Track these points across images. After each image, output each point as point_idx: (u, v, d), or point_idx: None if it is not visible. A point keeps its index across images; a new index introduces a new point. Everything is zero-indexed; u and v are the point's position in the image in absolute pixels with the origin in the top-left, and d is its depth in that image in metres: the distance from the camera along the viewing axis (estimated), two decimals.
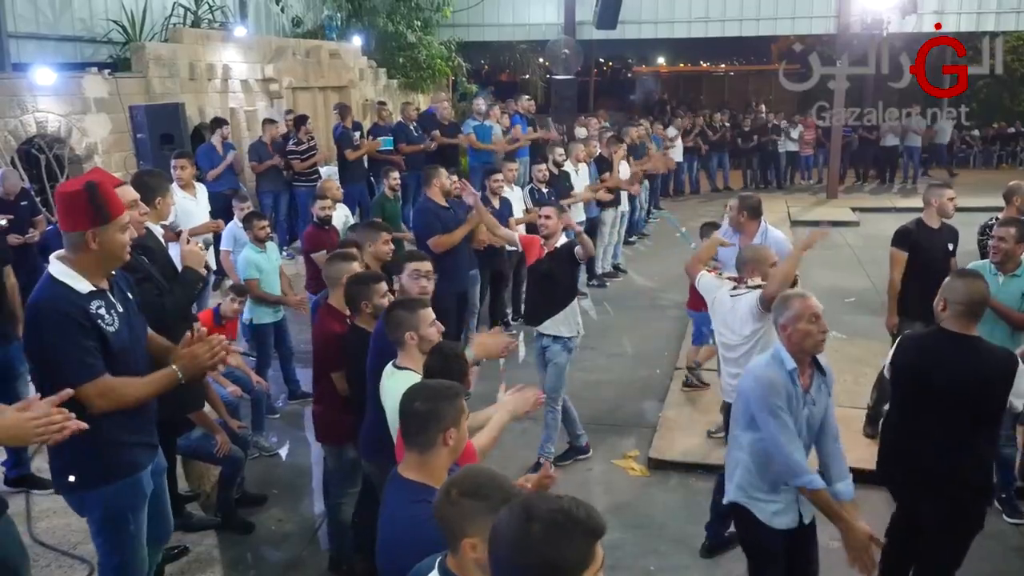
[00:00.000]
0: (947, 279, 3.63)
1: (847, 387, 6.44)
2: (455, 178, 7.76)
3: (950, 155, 20.28)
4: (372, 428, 3.77)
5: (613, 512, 5.31)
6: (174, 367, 3.19)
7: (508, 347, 4.03)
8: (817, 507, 3.38)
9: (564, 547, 1.65)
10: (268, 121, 11.05)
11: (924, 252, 5.64)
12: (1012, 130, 21.68)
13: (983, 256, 5.62)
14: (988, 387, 3.44)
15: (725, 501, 3.65)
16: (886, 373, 3.88)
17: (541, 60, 22.32)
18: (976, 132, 21.49)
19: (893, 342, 4.35)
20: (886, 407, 4.27)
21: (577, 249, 5.48)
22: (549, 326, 5.62)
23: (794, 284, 4.66)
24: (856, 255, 11.28)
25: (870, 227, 13.07)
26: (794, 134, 18.14)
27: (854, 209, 14.83)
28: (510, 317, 8.73)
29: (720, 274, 5.08)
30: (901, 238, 5.79)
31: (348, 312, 4.34)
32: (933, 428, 3.56)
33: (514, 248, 6.95)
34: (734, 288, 4.62)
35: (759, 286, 4.44)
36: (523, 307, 7.87)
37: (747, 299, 4.46)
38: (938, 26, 15.58)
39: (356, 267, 4.57)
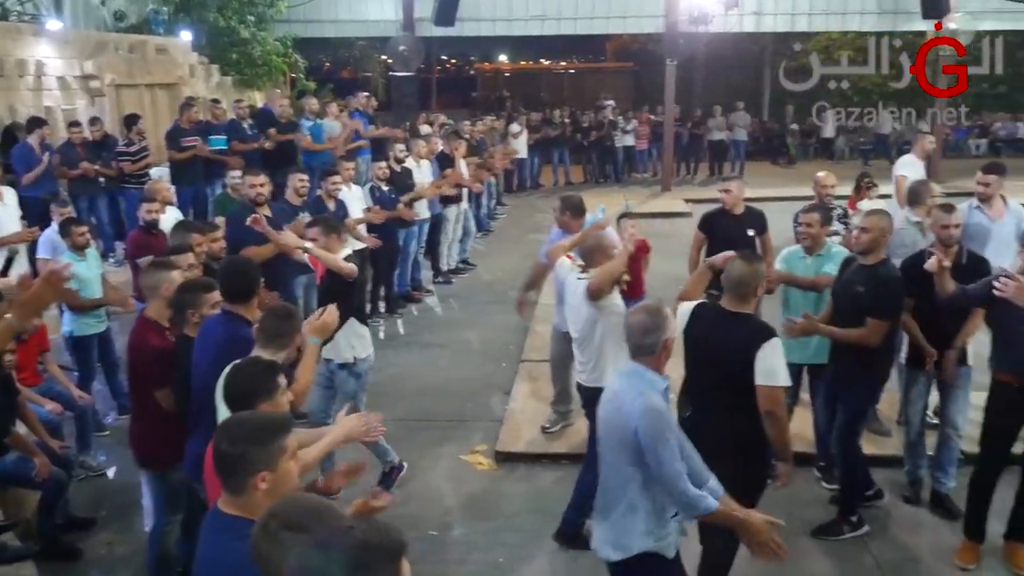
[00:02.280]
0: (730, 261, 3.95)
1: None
2: (304, 178, 7.50)
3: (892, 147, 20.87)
4: (202, 445, 3.62)
5: (461, 507, 5.36)
6: (6, 316, 3.02)
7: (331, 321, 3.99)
8: (719, 523, 3.27)
9: None
10: (73, 124, 10.36)
11: (724, 235, 6.23)
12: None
13: (799, 241, 6.03)
14: (744, 358, 3.67)
15: (622, 558, 3.26)
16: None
17: (382, 57, 22.11)
18: (795, 126, 22.90)
19: None
20: None
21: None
22: (330, 349, 5.18)
23: (620, 279, 4.89)
24: (689, 244, 11.71)
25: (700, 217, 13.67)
26: (629, 129, 18.78)
27: (686, 200, 15.52)
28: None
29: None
30: (701, 222, 6.75)
31: (167, 324, 4.17)
32: (710, 394, 3.82)
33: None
34: (583, 272, 4.84)
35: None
36: None
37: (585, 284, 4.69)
38: (938, 26, 16.10)
39: (176, 276, 4.34)
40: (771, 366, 3.66)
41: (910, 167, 8.14)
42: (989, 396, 4.63)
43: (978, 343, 5.06)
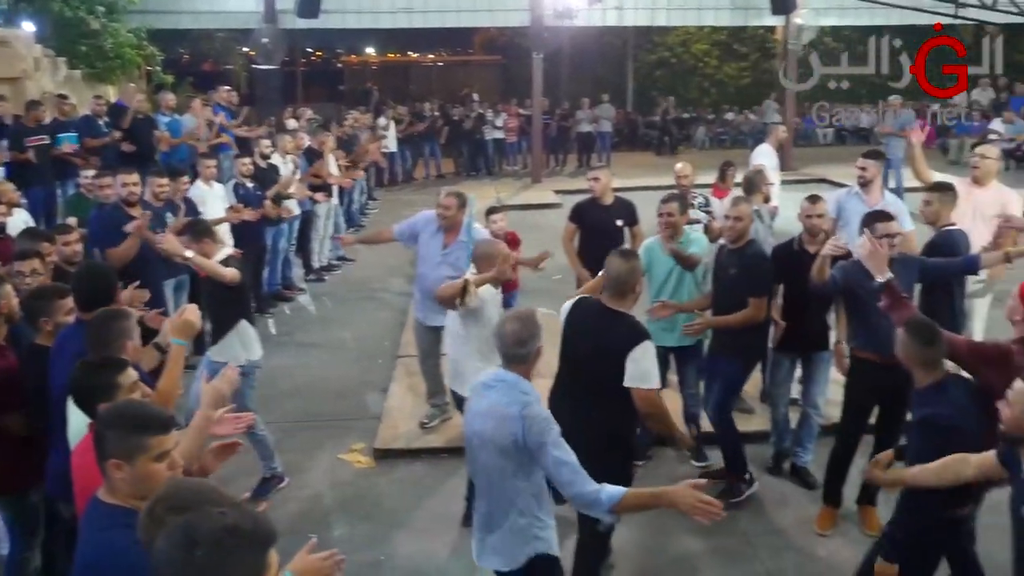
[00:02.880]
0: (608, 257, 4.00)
1: None
2: (163, 182, 7.16)
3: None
4: (63, 461, 3.44)
5: (341, 507, 5.31)
6: None
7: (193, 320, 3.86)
8: (634, 510, 3.14)
9: (234, 566, 1.59)
10: None
11: (594, 224, 6.52)
12: (686, 115, 24.11)
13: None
14: (617, 359, 3.74)
15: (516, 567, 3.24)
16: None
17: (244, 49, 21.43)
18: (655, 118, 23.56)
19: None
20: None
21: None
22: (221, 352, 5.13)
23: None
24: (559, 235, 11.90)
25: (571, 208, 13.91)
26: (499, 122, 18.92)
27: (556, 192, 15.75)
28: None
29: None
30: (572, 212, 6.90)
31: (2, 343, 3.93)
32: (583, 389, 3.90)
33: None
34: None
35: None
36: None
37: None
38: (938, 27, 16.42)
39: (9, 290, 4.06)
40: (643, 369, 3.74)
41: (766, 155, 8.64)
42: (850, 373, 4.89)
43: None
